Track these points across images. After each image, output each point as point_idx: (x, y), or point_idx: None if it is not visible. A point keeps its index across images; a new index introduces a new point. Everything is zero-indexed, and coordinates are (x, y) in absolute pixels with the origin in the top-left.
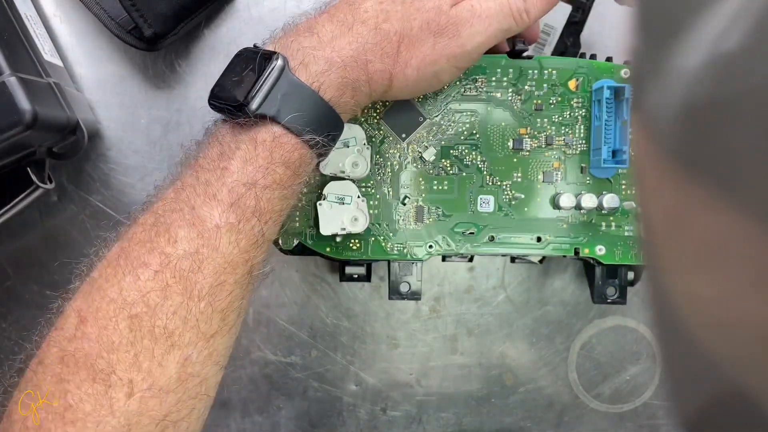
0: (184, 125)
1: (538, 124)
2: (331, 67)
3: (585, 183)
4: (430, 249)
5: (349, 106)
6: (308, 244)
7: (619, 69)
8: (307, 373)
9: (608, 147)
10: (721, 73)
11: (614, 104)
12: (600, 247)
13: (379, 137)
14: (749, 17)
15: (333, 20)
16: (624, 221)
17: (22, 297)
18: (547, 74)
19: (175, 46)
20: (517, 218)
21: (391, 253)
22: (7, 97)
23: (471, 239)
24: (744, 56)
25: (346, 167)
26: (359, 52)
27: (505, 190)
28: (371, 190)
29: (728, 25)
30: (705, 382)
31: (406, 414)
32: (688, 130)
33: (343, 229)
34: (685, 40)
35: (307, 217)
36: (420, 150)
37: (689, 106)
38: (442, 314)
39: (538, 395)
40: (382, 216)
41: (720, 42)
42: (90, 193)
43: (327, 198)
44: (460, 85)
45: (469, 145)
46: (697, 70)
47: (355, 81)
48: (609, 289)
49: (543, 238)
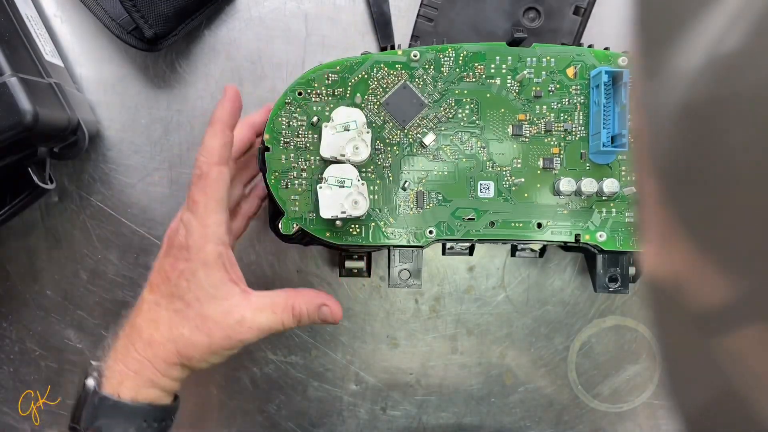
0: (185, 125)
1: (537, 111)
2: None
3: (585, 169)
4: (430, 234)
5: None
6: (309, 229)
7: (617, 57)
8: (307, 372)
9: (607, 131)
10: (721, 73)
11: (612, 89)
12: (601, 234)
13: (379, 123)
14: (749, 19)
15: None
16: (624, 207)
17: (22, 297)
18: (545, 62)
19: (175, 47)
20: (517, 204)
21: (391, 239)
22: (8, 98)
23: (471, 225)
24: (743, 57)
25: (346, 151)
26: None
27: (505, 176)
28: (371, 175)
29: (728, 26)
30: (705, 382)
31: (406, 413)
32: (686, 131)
33: (343, 213)
34: (684, 40)
35: (307, 202)
36: (420, 135)
37: (688, 107)
38: (442, 314)
39: (537, 395)
40: (382, 201)
41: (719, 43)
42: (91, 193)
43: (327, 181)
44: (460, 71)
45: (469, 132)
46: (697, 71)
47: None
48: (611, 278)
49: (543, 224)
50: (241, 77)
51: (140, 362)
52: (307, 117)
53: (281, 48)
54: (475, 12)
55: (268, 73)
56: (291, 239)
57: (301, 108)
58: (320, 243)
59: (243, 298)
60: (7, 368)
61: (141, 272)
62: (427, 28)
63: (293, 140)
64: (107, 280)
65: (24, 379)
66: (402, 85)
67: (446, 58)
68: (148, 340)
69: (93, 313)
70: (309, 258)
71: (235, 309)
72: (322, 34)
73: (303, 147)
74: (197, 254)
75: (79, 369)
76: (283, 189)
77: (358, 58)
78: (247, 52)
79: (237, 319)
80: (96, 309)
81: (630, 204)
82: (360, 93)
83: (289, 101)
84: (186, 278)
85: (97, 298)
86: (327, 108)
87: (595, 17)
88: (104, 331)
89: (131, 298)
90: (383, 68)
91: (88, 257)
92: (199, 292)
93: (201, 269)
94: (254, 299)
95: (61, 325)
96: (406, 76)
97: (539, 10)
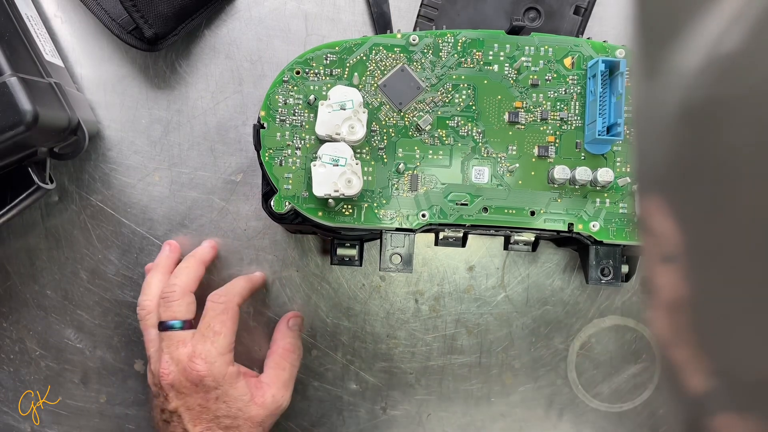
0: (185, 125)
1: (533, 99)
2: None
3: (580, 159)
4: (423, 218)
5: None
6: (301, 209)
7: (614, 49)
8: (307, 372)
9: (603, 120)
10: (720, 74)
11: (609, 79)
12: (594, 223)
13: (376, 105)
14: (748, 19)
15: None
16: (618, 198)
17: (22, 297)
18: (543, 51)
19: (175, 47)
20: (511, 191)
21: (384, 221)
22: (8, 98)
23: (464, 210)
24: (743, 57)
25: (342, 130)
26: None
27: (500, 162)
28: (366, 156)
29: (727, 26)
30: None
31: (406, 413)
32: (685, 131)
33: (336, 191)
34: (684, 41)
35: (301, 181)
36: (416, 119)
37: (687, 107)
38: (441, 314)
39: (537, 394)
40: (376, 183)
41: (719, 43)
42: (91, 193)
43: (321, 159)
44: (459, 57)
45: (465, 117)
46: (696, 72)
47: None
48: (603, 269)
49: (536, 212)
50: (241, 77)
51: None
52: (304, 96)
53: (281, 48)
54: (476, 12)
55: (268, 73)
56: (283, 218)
57: (298, 87)
58: (312, 224)
59: (261, 385)
60: (7, 368)
61: (141, 272)
62: (428, 28)
63: (289, 118)
64: (107, 280)
65: (24, 379)
66: (400, 68)
67: (445, 44)
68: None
69: (93, 313)
70: (309, 258)
71: (266, 398)
72: (322, 34)
73: (299, 125)
74: (223, 379)
75: (79, 369)
76: (277, 167)
77: (357, 39)
78: (247, 52)
79: (272, 402)
80: (96, 309)
81: (624, 195)
82: (358, 74)
83: (287, 79)
84: (223, 401)
85: (97, 298)
86: (324, 88)
87: (595, 17)
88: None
89: (131, 298)
90: (382, 51)
91: (88, 257)
92: (238, 404)
93: (230, 389)
94: (265, 377)
95: (61, 325)
96: (404, 59)
97: (539, 10)
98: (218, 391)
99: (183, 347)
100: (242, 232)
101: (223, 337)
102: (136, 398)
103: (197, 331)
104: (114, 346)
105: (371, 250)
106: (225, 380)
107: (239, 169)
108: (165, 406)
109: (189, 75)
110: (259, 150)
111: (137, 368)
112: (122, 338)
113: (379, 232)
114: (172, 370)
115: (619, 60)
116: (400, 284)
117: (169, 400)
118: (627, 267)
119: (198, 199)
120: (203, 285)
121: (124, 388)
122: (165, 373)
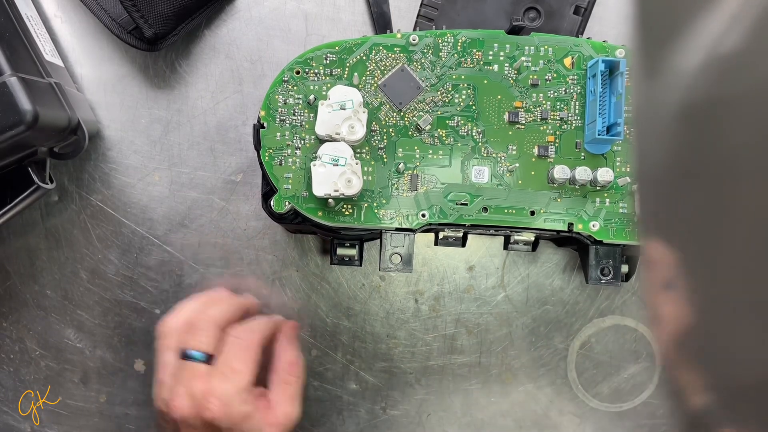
0: (185, 125)
1: (533, 99)
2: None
3: (579, 159)
4: (423, 218)
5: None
6: (300, 208)
7: (614, 49)
8: (307, 372)
9: (603, 120)
10: (720, 74)
11: (609, 79)
12: (594, 223)
13: (376, 104)
14: (748, 19)
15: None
16: (618, 198)
17: (22, 297)
18: (543, 51)
19: (175, 47)
20: (511, 190)
21: (383, 220)
22: (8, 98)
23: (464, 210)
24: (743, 57)
25: (342, 129)
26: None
27: (499, 162)
28: (366, 156)
29: (727, 26)
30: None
31: (406, 413)
32: (685, 131)
33: (336, 191)
34: (684, 41)
35: (301, 180)
36: (416, 118)
37: (687, 107)
38: (441, 314)
39: (537, 394)
40: (375, 183)
41: (719, 43)
42: (91, 192)
43: (321, 159)
44: (458, 57)
45: (465, 116)
46: (696, 71)
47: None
48: (603, 269)
49: (536, 212)
50: (241, 77)
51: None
52: (304, 96)
53: (281, 48)
54: (476, 12)
55: (268, 73)
56: (283, 218)
57: (298, 86)
58: (312, 224)
59: (271, 404)
60: (7, 368)
61: (141, 272)
62: (428, 28)
63: (289, 118)
64: (107, 279)
65: (24, 379)
66: (400, 68)
67: (445, 44)
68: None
69: (93, 312)
70: (309, 257)
71: (279, 417)
72: (322, 34)
73: (299, 125)
74: (239, 419)
75: (79, 369)
76: (276, 166)
77: (357, 39)
78: (247, 52)
79: (284, 419)
80: (96, 309)
81: (624, 195)
82: (358, 74)
83: (287, 79)
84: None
85: (97, 298)
86: (324, 87)
87: (595, 17)
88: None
89: (131, 297)
90: (382, 50)
91: (88, 257)
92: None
93: (245, 423)
94: (274, 396)
95: (61, 324)
96: (404, 59)
97: (539, 10)
98: (234, 428)
99: (200, 383)
100: (242, 232)
101: (242, 377)
102: (136, 398)
103: (216, 367)
104: (114, 346)
105: (371, 250)
106: (240, 420)
107: (239, 169)
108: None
109: (189, 75)
110: (259, 150)
111: (137, 368)
112: (122, 338)
113: (379, 232)
114: (185, 405)
115: (619, 60)
116: (400, 284)
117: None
118: (627, 267)
119: (198, 199)
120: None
121: (124, 388)
122: (178, 407)
